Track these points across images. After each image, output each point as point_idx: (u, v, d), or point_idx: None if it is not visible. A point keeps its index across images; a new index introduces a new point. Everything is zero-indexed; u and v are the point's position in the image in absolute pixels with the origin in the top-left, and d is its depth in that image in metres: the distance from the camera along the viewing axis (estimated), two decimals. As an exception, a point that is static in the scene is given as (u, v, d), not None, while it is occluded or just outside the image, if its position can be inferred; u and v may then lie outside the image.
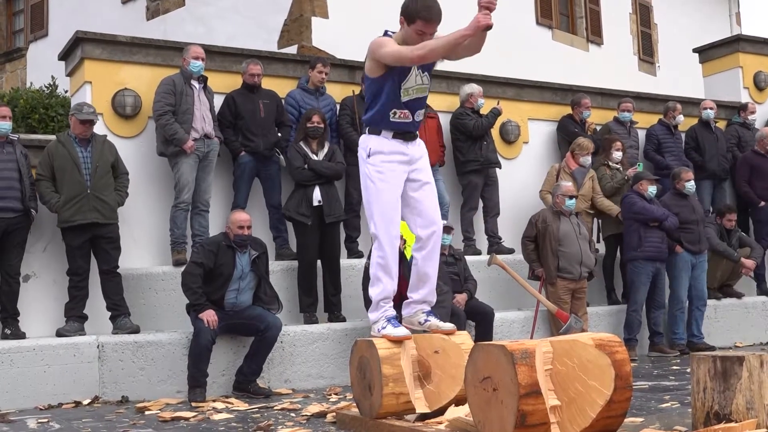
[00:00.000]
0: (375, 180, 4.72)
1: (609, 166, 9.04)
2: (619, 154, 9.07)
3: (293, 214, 7.51)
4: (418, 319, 4.89)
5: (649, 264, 8.42)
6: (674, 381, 6.58)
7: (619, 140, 9.24)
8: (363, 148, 4.81)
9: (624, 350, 3.71)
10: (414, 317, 4.91)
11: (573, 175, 8.80)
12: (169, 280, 7.32)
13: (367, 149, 4.76)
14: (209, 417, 5.57)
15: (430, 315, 4.88)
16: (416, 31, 4.55)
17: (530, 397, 3.53)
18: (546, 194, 8.82)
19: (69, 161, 6.86)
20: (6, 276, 6.78)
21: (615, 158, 9.05)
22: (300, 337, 7.08)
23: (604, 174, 8.95)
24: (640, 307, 8.48)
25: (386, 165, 4.72)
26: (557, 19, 15.70)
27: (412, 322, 4.89)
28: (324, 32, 11.66)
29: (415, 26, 4.54)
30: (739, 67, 11.80)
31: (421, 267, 4.84)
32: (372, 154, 4.74)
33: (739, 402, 3.70)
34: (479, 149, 8.90)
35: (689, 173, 8.93)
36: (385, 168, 4.72)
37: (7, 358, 6.27)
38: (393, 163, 4.73)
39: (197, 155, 7.52)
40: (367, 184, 4.77)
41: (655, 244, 8.42)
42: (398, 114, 4.72)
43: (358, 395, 4.84)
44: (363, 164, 4.80)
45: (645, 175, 8.63)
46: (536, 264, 8.20)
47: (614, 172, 8.97)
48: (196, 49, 7.69)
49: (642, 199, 8.47)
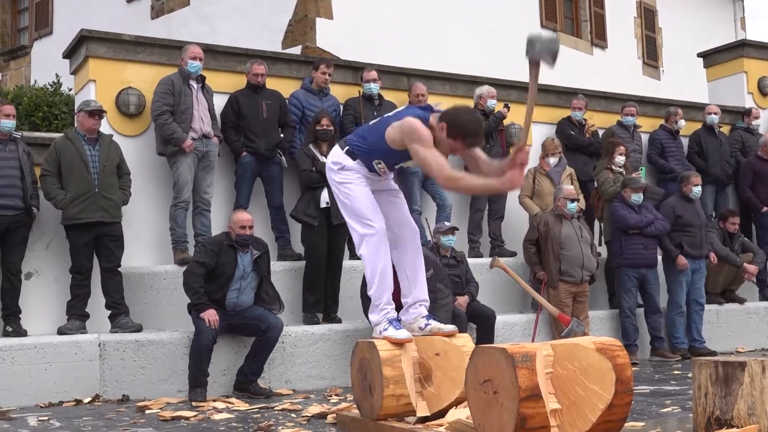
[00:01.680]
0: (349, 185, 4.78)
1: (612, 170, 9.03)
2: (622, 158, 9.06)
3: (301, 215, 7.51)
4: (419, 325, 4.89)
5: (633, 271, 8.42)
6: (675, 386, 6.57)
7: (623, 144, 9.23)
8: (335, 162, 4.85)
9: (625, 354, 3.70)
10: (414, 323, 4.91)
11: (549, 176, 8.79)
12: (170, 279, 7.32)
13: (339, 164, 4.83)
14: (210, 417, 5.57)
15: (430, 319, 4.89)
16: (452, 146, 4.60)
17: (530, 401, 3.53)
18: (525, 198, 8.81)
19: (77, 159, 6.86)
20: (7, 274, 6.78)
21: (618, 162, 9.04)
22: (301, 337, 7.08)
23: (607, 178, 8.94)
24: (631, 313, 8.47)
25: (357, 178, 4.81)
26: (561, 22, 15.70)
27: (413, 329, 4.89)
28: (328, 33, 11.67)
29: (454, 143, 4.58)
30: (744, 72, 11.80)
31: (408, 269, 4.91)
32: (345, 170, 4.81)
33: (741, 407, 3.70)
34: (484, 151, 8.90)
35: (698, 178, 8.92)
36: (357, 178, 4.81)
37: (8, 355, 6.28)
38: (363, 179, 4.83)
39: (196, 155, 7.53)
40: (343, 191, 4.82)
41: (636, 251, 8.42)
42: (380, 166, 4.82)
43: (359, 396, 4.84)
44: (334, 174, 4.86)
45: (631, 182, 8.56)
46: (538, 267, 8.20)
47: (617, 176, 8.96)
48: (193, 49, 7.68)
49: (625, 207, 8.44)
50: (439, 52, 11.98)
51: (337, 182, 4.84)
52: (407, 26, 12.27)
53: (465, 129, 4.55)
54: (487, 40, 13.25)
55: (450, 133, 4.55)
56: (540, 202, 8.76)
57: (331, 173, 4.90)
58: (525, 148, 4.49)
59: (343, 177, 4.81)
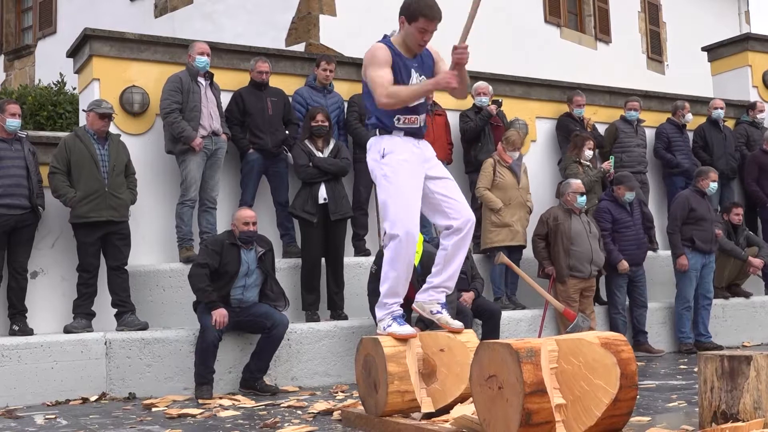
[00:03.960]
0: (392, 179, 4.65)
1: (581, 163, 8.99)
2: (590, 152, 9.01)
3: (299, 212, 7.52)
4: (431, 308, 4.83)
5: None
6: (681, 380, 6.56)
7: (592, 139, 9.16)
8: (376, 150, 4.73)
9: (629, 349, 3.70)
10: (428, 305, 4.85)
11: (511, 169, 8.44)
12: (176, 277, 7.34)
13: (380, 151, 4.70)
14: (216, 414, 5.58)
15: (443, 308, 4.84)
16: (418, 29, 4.58)
17: (535, 396, 3.53)
18: (484, 191, 8.34)
19: (87, 157, 6.87)
20: (14, 272, 6.79)
21: (586, 156, 8.99)
22: (307, 334, 7.09)
23: (576, 171, 8.86)
24: (622, 309, 8.44)
25: (403, 164, 4.66)
26: (565, 17, 15.67)
27: (424, 309, 4.84)
28: (332, 30, 11.66)
29: (417, 24, 4.57)
30: (748, 66, 11.77)
31: (450, 252, 4.76)
32: (386, 155, 4.68)
33: (747, 401, 3.70)
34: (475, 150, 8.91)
35: (715, 174, 8.87)
36: (402, 166, 4.66)
37: (14, 354, 6.30)
38: (409, 162, 4.68)
39: (205, 152, 7.53)
40: (383, 185, 4.69)
41: (631, 251, 8.37)
42: (402, 120, 4.71)
43: (364, 393, 4.84)
44: (377, 166, 4.72)
45: (627, 180, 8.49)
46: (547, 262, 8.16)
47: (585, 169, 8.92)
48: (200, 45, 7.70)
49: (615, 206, 8.36)
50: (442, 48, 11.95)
51: (383, 174, 4.69)
52: (411, 22, 12.24)
53: (417, 6, 4.55)
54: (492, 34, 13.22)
55: (409, 19, 4.58)
56: (502, 195, 8.33)
57: (374, 165, 4.75)
58: (462, 47, 4.55)
59: (387, 167, 4.66)
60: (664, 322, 8.91)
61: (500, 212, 8.24)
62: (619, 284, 8.38)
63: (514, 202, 8.32)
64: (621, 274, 8.36)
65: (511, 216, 8.28)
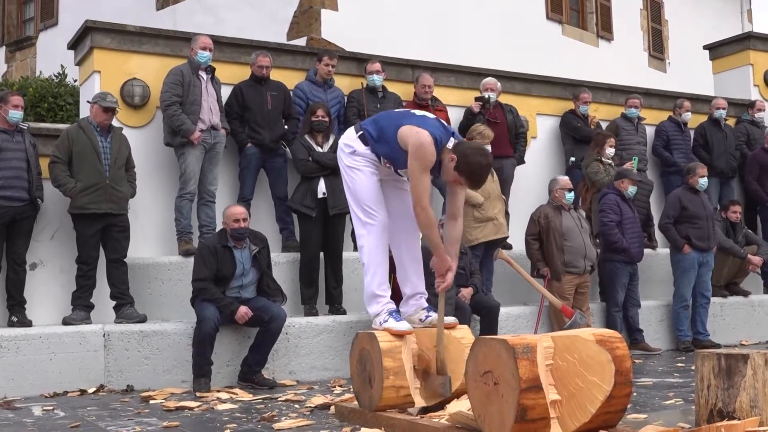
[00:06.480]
0: (360, 169, 4.83)
1: (602, 161, 8.99)
2: (611, 150, 9.03)
3: (298, 206, 7.52)
4: (419, 317, 4.92)
5: (628, 266, 8.36)
6: (679, 378, 6.57)
7: (613, 137, 9.19)
8: (347, 145, 4.90)
9: (624, 346, 3.71)
10: (415, 315, 4.93)
11: None
12: (175, 270, 7.35)
13: (351, 148, 4.87)
14: (213, 407, 5.58)
15: (430, 311, 4.90)
16: (455, 178, 4.66)
17: (531, 392, 3.54)
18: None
19: (90, 148, 6.87)
20: (13, 264, 6.80)
21: (608, 154, 9.01)
22: (305, 329, 7.09)
23: (597, 170, 8.89)
24: (621, 307, 8.41)
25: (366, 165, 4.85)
26: (567, 14, 15.65)
27: (413, 321, 4.91)
28: (333, 24, 11.65)
29: (458, 176, 4.64)
30: (750, 65, 11.77)
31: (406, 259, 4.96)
32: (356, 155, 4.86)
33: (743, 400, 3.71)
34: None
35: (703, 169, 8.88)
36: (369, 164, 4.85)
37: (13, 345, 6.30)
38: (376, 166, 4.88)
39: (204, 146, 7.53)
40: (350, 175, 4.86)
41: (633, 246, 8.34)
42: (384, 161, 4.88)
43: (358, 388, 4.85)
44: (345, 157, 4.90)
45: (628, 173, 8.51)
46: (541, 263, 8.11)
47: (607, 168, 8.93)
48: (203, 39, 7.69)
49: (620, 202, 8.33)
50: (444, 44, 11.96)
51: (347, 166, 4.88)
52: (413, 17, 12.24)
53: (471, 171, 4.61)
54: (494, 31, 13.22)
55: (457, 167, 4.61)
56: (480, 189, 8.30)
57: (341, 155, 4.93)
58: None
59: (353, 162, 4.85)
60: (662, 319, 8.91)
61: (482, 207, 8.16)
62: (622, 282, 8.36)
63: (493, 195, 8.16)
64: (622, 272, 8.32)
65: (492, 209, 8.13)
